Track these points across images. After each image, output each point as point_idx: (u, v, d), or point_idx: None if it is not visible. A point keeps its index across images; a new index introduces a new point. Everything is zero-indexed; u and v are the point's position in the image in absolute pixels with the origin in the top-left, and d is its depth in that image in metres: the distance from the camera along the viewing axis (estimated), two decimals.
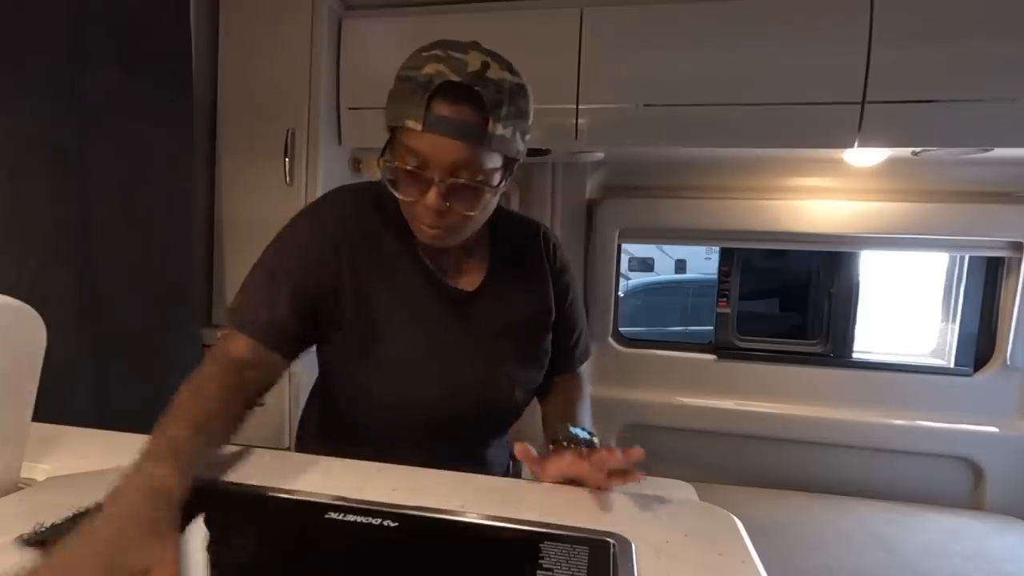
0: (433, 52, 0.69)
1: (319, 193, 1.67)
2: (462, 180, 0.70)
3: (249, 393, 0.72)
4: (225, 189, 1.73)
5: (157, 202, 1.49)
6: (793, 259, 2.33)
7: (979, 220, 1.79)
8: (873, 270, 2.22)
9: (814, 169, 1.88)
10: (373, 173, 1.89)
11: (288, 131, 1.65)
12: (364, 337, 0.80)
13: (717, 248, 2.20)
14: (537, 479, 0.71)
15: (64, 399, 1.28)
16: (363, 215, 0.81)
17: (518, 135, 0.72)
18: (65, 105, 1.27)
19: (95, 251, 1.35)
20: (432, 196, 0.70)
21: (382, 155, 0.74)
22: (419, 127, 0.67)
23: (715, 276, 2.20)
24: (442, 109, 0.67)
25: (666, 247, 5.89)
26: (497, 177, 0.73)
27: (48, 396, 0.66)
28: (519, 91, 0.71)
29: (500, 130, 0.69)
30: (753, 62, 1.50)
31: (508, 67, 0.71)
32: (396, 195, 0.74)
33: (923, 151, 1.52)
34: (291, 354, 0.78)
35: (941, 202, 1.81)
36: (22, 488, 0.62)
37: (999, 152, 1.49)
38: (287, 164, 1.65)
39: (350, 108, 1.73)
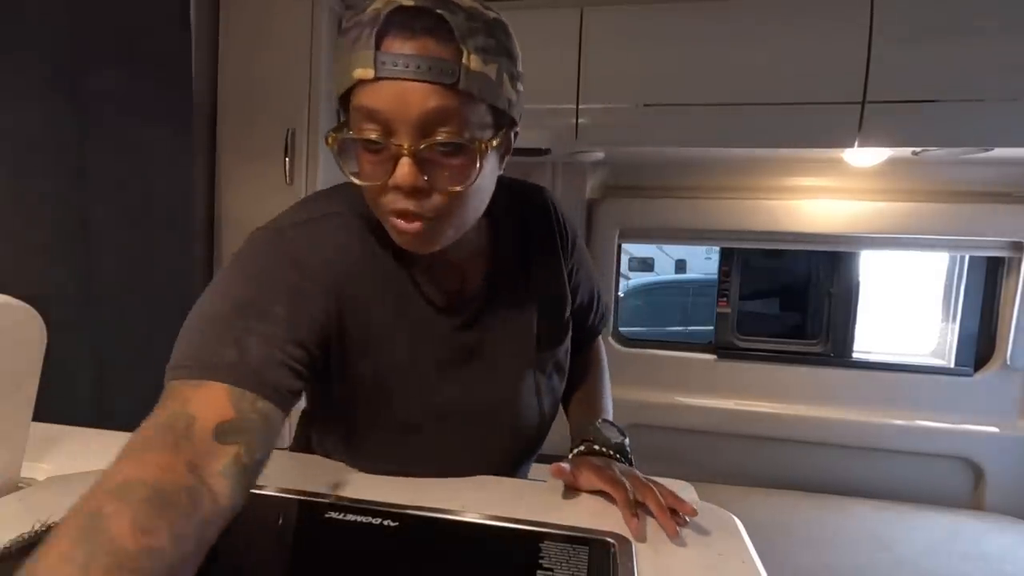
0: None
1: None
2: (440, 138, 0.52)
3: (220, 505, 0.44)
4: (225, 189, 1.73)
5: (157, 202, 1.49)
6: (793, 259, 2.33)
7: (979, 220, 1.79)
8: (873, 270, 2.22)
9: (814, 169, 1.88)
10: None
11: (288, 131, 1.64)
12: (368, 396, 0.66)
13: (717, 248, 2.19)
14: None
15: (64, 399, 1.28)
16: (351, 250, 0.62)
17: (507, 79, 0.55)
18: (65, 105, 1.27)
19: (95, 251, 1.35)
20: (404, 169, 0.52)
21: (330, 132, 0.56)
22: (371, 73, 0.50)
23: (715, 276, 2.20)
24: (398, 46, 0.50)
25: (666, 247, 5.89)
26: (488, 135, 0.55)
27: (48, 396, 0.66)
28: (498, 25, 0.56)
29: (479, 65, 0.51)
30: (753, 62, 1.50)
31: (485, 4, 0.57)
32: (355, 182, 0.55)
33: (923, 151, 1.52)
34: (286, 404, 0.53)
35: (941, 202, 1.81)
36: (22, 488, 0.61)
37: (999, 152, 1.49)
38: (287, 164, 1.65)
39: None
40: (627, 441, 0.75)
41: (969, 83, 1.40)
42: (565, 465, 0.68)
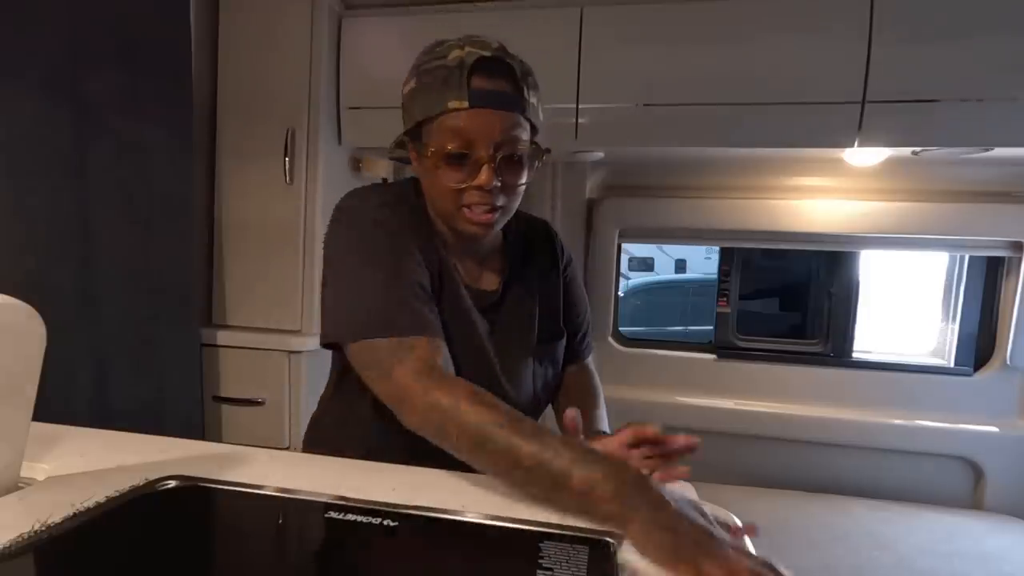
0: (449, 43, 0.73)
1: (319, 193, 1.67)
2: (509, 152, 0.72)
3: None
4: (225, 189, 1.73)
5: (157, 202, 1.49)
6: (793, 259, 2.33)
7: (979, 220, 1.79)
8: (873, 270, 2.22)
9: (814, 169, 1.88)
10: (373, 173, 1.89)
11: (288, 131, 1.65)
12: None
13: (717, 248, 2.20)
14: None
15: (64, 399, 1.28)
16: (422, 230, 0.81)
17: (540, 107, 0.77)
18: (65, 105, 1.27)
19: (95, 251, 1.35)
20: (485, 174, 0.71)
21: (412, 150, 0.76)
22: (465, 104, 0.69)
23: (715, 276, 2.20)
24: (483, 84, 0.70)
25: (666, 247, 5.89)
26: (534, 151, 0.76)
27: (48, 396, 0.66)
28: (529, 67, 0.76)
29: (533, 99, 0.74)
30: (753, 62, 1.50)
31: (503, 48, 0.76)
32: (442, 185, 0.73)
33: (923, 151, 1.52)
34: None
35: (941, 202, 1.81)
36: (22, 488, 0.62)
37: (999, 152, 1.49)
38: (287, 164, 1.65)
39: (350, 108, 1.73)
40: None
41: (969, 83, 1.40)
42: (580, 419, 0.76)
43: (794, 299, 2.29)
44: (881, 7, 1.41)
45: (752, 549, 0.55)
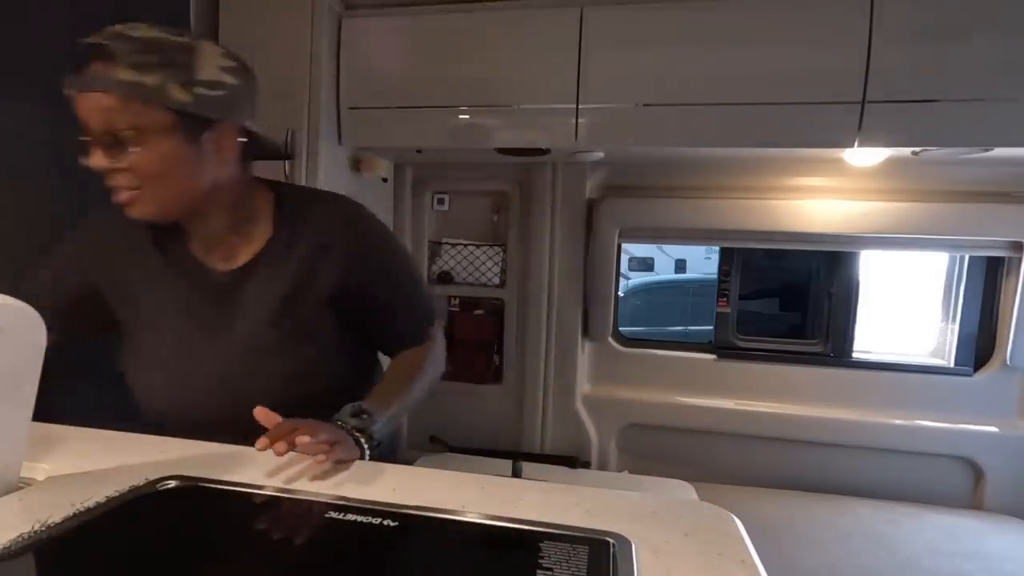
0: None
1: None
2: (105, 133, 0.72)
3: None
4: None
5: None
6: (793, 259, 2.33)
7: (979, 220, 1.79)
8: (873, 270, 2.22)
9: (814, 169, 1.88)
10: (373, 173, 1.89)
11: (288, 131, 1.64)
12: (131, 338, 0.86)
13: (717, 248, 2.20)
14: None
15: (64, 399, 1.28)
16: (121, 229, 0.84)
17: (171, 84, 0.72)
18: (65, 105, 1.26)
19: None
20: (94, 156, 0.73)
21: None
22: (69, 89, 0.73)
23: (715, 276, 2.20)
24: (84, 69, 0.72)
25: (666, 247, 5.89)
26: (160, 129, 0.73)
27: (48, 396, 0.66)
28: (167, 44, 0.74)
29: (131, 76, 0.70)
30: (753, 62, 1.50)
31: (173, 32, 0.76)
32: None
33: (923, 151, 1.52)
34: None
35: (941, 202, 1.81)
36: (22, 488, 0.62)
37: (999, 152, 1.49)
38: (287, 164, 1.65)
39: (350, 108, 1.73)
40: (374, 424, 0.77)
41: (969, 83, 1.40)
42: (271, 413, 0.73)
43: (794, 299, 2.29)
44: (881, 7, 1.41)
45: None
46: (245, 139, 0.83)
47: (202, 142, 0.76)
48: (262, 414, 0.70)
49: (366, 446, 0.75)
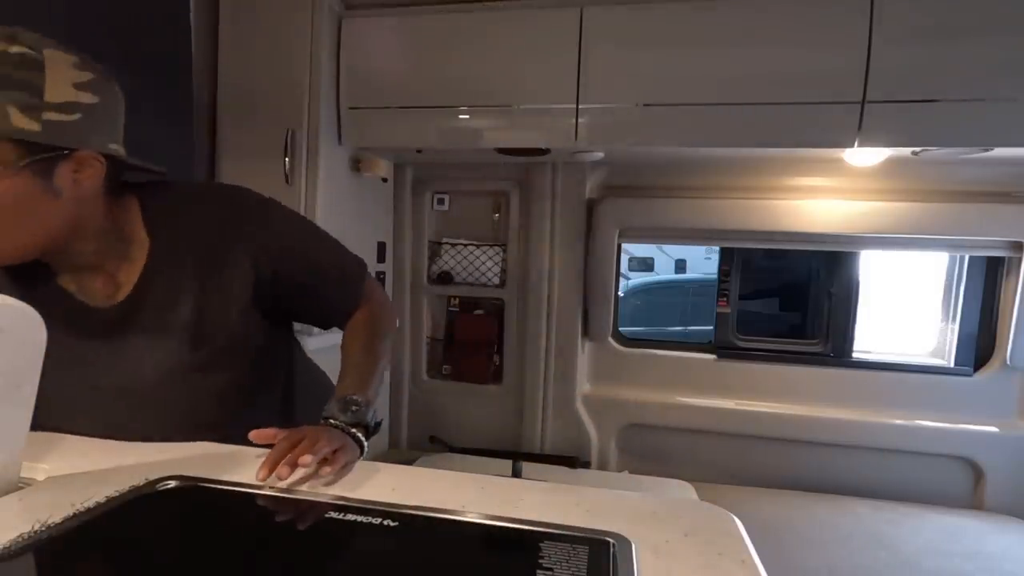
0: None
1: (319, 193, 1.67)
2: None
3: None
4: None
5: None
6: (793, 259, 2.33)
7: (979, 220, 1.79)
8: (873, 270, 2.22)
9: (814, 169, 1.88)
10: (373, 173, 1.89)
11: (288, 131, 1.64)
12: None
13: (717, 248, 2.20)
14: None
15: None
16: None
17: (11, 108, 0.59)
18: None
19: None
20: None
21: None
22: None
23: (715, 276, 2.20)
24: None
25: (666, 247, 5.89)
26: (1, 165, 0.60)
27: None
28: (11, 59, 0.61)
29: None
30: (753, 62, 1.50)
31: (6, 38, 0.62)
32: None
33: (923, 151, 1.52)
34: None
35: (941, 202, 1.81)
36: (22, 488, 0.61)
37: (999, 152, 1.49)
38: (287, 164, 1.65)
39: (350, 108, 1.73)
40: (368, 416, 0.76)
41: (969, 83, 1.40)
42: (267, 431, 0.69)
43: (794, 299, 2.29)
44: (881, 7, 1.41)
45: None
46: (109, 164, 0.69)
47: (55, 176, 0.64)
48: (257, 436, 0.67)
49: (364, 439, 0.74)
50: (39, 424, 0.68)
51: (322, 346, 0.99)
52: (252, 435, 0.68)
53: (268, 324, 0.85)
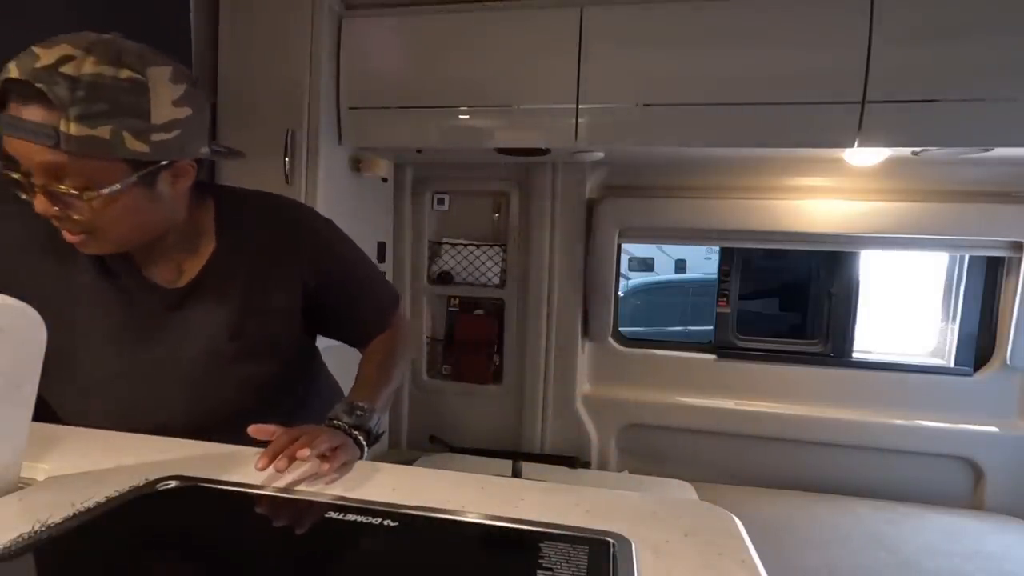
0: (30, 47, 0.64)
1: (319, 193, 1.67)
2: (61, 188, 0.64)
3: None
4: None
5: None
6: (793, 259, 2.33)
7: (979, 220, 1.79)
8: (873, 270, 2.22)
9: (814, 169, 1.88)
10: (373, 173, 1.89)
11: (288, 131, 1.64)
12: (65, 364, 0.76)
13: (717, 248, 2.20)
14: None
15: None
16: (42, 233, 0.74)
17: (125, 134, 0.64)
18: None
19: None
20: (39, 202, 0.66)
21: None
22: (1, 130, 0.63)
23: (715, 276, 2.20)
24: (15, 109, 0.62)
25: (666, 247, 5.89)
26: (111, 180, 0.66)
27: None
28: (115, 85, 0.63)
29: (80, 130, 0.61)
30: (753, 62, 1.50)
31: (114, 60, 0.65)
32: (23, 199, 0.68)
33: (923, 151, 1.52)
34: None
35: (941, 202, 1.81)
36: (22, 488, 0.62)
37: (999, 152, 1.49)
38: (287, 164, 1.65)
39: (350, 108, 1.73)
40: (371, 422, 0.78)
41: (969, 83, 1.40)
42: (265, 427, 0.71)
43: (794, 299, 2.29)
44: (881, 7, 1.41)
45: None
46: (200, 164, 0.77)
47: (158, 183, 0.71)
48: (256, 430, 0.69)
49: (365, 443, 0.75)
50: (81, 387, 0.79)
51: (331, 344, 0.99)
52: (251, 430, 0.69)
53: (301, 332, 0.91)
